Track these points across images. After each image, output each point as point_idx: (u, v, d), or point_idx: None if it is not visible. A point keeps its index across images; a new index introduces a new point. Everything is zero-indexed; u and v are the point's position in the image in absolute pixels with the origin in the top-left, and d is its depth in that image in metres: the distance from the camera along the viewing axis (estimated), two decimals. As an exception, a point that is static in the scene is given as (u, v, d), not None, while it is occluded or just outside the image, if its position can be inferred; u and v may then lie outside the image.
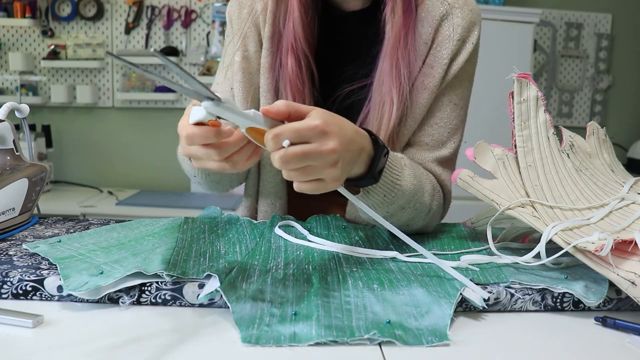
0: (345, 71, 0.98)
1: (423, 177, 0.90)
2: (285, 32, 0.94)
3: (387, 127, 0.91)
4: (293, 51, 0.93)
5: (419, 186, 0.86)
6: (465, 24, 0.94)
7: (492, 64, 2.03)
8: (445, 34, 0.93)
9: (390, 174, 0.80)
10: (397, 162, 0.82)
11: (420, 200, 0.87)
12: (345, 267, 0.75)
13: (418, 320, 0.61)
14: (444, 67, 0.93)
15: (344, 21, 0.98)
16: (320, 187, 0.66)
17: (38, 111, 3.07)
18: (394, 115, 0.91)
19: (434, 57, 0.94)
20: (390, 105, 0.91)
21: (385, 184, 0.79)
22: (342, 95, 0.97)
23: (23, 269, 0.69)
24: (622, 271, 0.66)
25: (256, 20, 0.98)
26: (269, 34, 0.96)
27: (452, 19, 0.94)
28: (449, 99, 0.96)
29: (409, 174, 0.84)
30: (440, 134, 0.96)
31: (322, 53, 0.97)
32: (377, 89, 0.93)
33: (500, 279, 0.71)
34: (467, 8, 0.95)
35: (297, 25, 0.92)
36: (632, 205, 0.80)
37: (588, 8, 3.21)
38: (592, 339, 0.62)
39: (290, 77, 0.93)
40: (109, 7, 3.03)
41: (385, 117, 0.91)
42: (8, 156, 0.92)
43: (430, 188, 0.91)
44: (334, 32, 0.98)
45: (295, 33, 0.93)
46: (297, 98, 0.93)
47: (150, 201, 2.74)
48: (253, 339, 0.57)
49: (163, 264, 0.69)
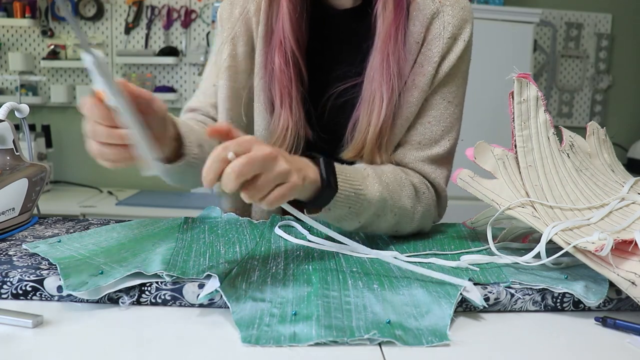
0: (337, 69, 0.98)
1: (397, 182, 0.88)
2: (274, 31, 0.95)
3: (377, 123, 0.91)
4: (281, 48, 0.93)
5: (391, 191, 0.86)
6: (456, 22, 0.93)
7: (492, 64, 2.03)
8: (435, 32, 0.93)
9: (350, 185, 0.79)
10: (356, 173, 0.82)
11: (397, 204, 0.86)
12: (345, 267, 0.75)
13: (418, 320, 0.61)
14: (435, 66, 0.93)
15: (335, 19, 0.98)
16: (283, 192, 0.67)
17: (38, 111, 3.07)
18: (384, 110, 0.90)
19: (424, 55, 0.93)
20: (380, 101, 0.91)
21: (346, 196, 0.79)
22: (335, 94, 0.97)
23: (23, 269, 0.69)
24: (622, 271, 0.66)
25: (248, 21, 0.98)
26: (262, 34, 0.96)
27: (443, 17, 0.93)
28: (441, 97, 0.95)
29: (374, 181, 0.84)
30: (432, 132, 0.95)
31: (313, 52, 0.97)
32: (367, 84, 0.92)
33: (500, 279, 0.71)
34: (458, 6, 0.94)
35: (286, 22, 0.92)
36: (632, 205, 0.80)
37: (588, 8, 3.21)
38: (592, 339, 0.62)
39: (276, 75, 0.93)
40: (109, 7, 3.03)
41: (375, 112, 0.91)
42: (8, 156, 0.92)
43: (410, 191, 0.89)
44: (325, 30, 0.98)
45: (284, 30, 0.93)
46: (283, 95, 0.93)
47: (150, 201, 2.74)
48: (253, 339, 0.57)
49: (163, 264, 0.69)
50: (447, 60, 0.94)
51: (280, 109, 0.94)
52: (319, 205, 0.77)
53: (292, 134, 0.94)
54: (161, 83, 3.06)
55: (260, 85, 0.97)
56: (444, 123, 0.96)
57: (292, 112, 0.94)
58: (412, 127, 0.96)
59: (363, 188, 0.81)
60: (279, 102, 0.94)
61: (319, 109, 0.98)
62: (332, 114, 0.98)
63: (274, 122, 0.96)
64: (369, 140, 0.92)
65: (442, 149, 0.96)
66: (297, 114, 0.95)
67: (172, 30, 3.06)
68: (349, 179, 0.80)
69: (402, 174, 0.91)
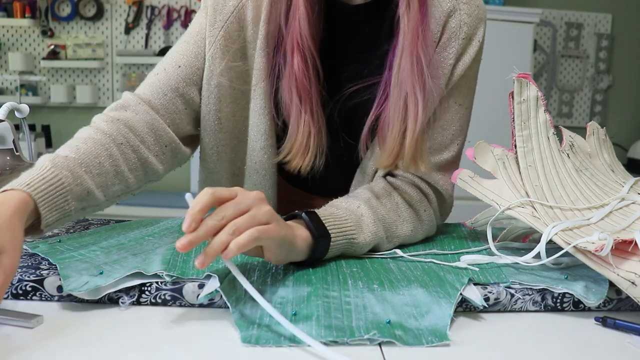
0: (349, 69, 0.93)
1: (394, 210, 0.86)
2: (289, 30, 0.87)
3: (414, 128, 0.84)
4: (299, 49, 0.85)
5: (387, 225, 0.84)
6: (471, 21, 0.90)
7: (492, 64, 2.03)
8: (451, 31, 0.89)
9: (343, 236, 0.77)
10: (349, 215, 0.80)
11: (394, 234, 0.85)
12: (345, 267, 0.75)
13: (418, 321, 0.61)
14: (450, 68, 0.90)
15: (348, 16, 0.92)
16: (261, 231, 0.64)
17: (38, 111, 3.07)
18: (421, 114, 0.84)
19: (439, 55, 0.89)
20: (415, 105, 0.84)
21: (339, 245, 0.77)
22: (345, 95, 0.92)
23: (23, 269, 0.69)
24: (622, 271, 0.66)
25: (241, 16, 0.90)
26: (264, 33, 0.89)
27: (459, 15, 0.89)
28: (453, 100, 0.92)
29: (368, 221, 0.81)
30: (443, 136, 0.92)
31: (324, 50, 0.90)
32: (395, 88, 0.85)
33: (500, 279, 0.71)
34: (474, 4, 0.91)
35: (303, 21, 0.85)
36: (632, 206, 0.80)
37: (588, 8, 3.22)
38: (592, 339, 0.62)
39: (297, 76, 0.86)
40: (109, 7, 3.03)
41: (411, 118, 0.85)
42: (8, 156, 0.92)
43: (408, 215, 0.87)
44: (338, 28, 0.92)
45: (302, 30, 0.85)
46: (303, 97, 0.87)
47: (150, 201, 2.74)
48: (253, 339, 0.57)
49: (163, 264, 0.69)
50: (462, 62, 0.90)
51: (300, 113, 0.87)
52: (315, 259, 0.75)
53: (315, 141, 0.88)
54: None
55: (261, 88, 0.91)
56: (454, 127, 0.92)
57: (314, 116, 0.87)
58: None
59: (357, 235, 0.79)
60: (298, 105, 0.87)
61: (328, 112, 0.93)
62: (344, 117, 0.93)
63: (292, 129, 0.88)
64: (408, 147, 0.85)
65: (451, 154, 0.93)
66: (319, 118, 0.88)
67: (172, 30, 3.06)
68: (340, 227, 0.77)
69: (399, 199, 0.88)
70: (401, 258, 0.80)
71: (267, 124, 0.92)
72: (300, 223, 0.75)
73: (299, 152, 0.88)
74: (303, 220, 0.75)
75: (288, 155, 0.88)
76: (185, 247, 0.59)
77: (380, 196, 0.87)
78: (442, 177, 0.92)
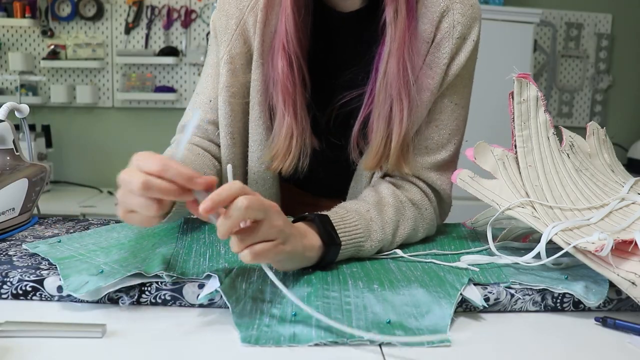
0: (342, 76, 0.93)
1: (399, 210, 0.86)
2: (277, 34, 0.89)
3: (400, 131, 0.86)
4: (284, 51, 0.87)
5: (394, 226, 0.84)
6: (465, 21, 0.89)
7: (492, 64, 2.03)
8: (445, 31, 0.89)
9: (353, 242, 0.78)
10: (360, 220, 0.80)
11: (398, 234, 0.85)
12: (345, 268, 0.75)
13: (418, 320, 0.61)
14: (444, 68, 0.89)
15: (339, 23, 0.93)
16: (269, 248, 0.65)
17: (38, 111, 3.07)
18: (406, 116, 0.86)
19: (433, 56, 0.89)
20: (400, 107, 0.86)
21: (348, 253, 0.78)
22: (341, 100, 0.92)
23: (23, 269, 0.69)
24: (622, 271, 0.66)
25: (245, 32, 0.91)
26: (259, 44, 0.91)
27: (453, 15, 0.89)
28: (449, 99, 0.92)
29: (376, 226, 0.82)
30: (440, 136, 0.92)
31: (316, 58, 0.92)
32: (381, 91, 0.87)
33: (500, 279, 0.71)
34: (468, 3, 0.90)
35: (290, 24, 0.86)
36: (632, 206, 0.80)
37: (588, 8, 3.21)
38: (592, 339, 0.62)
39: (280, 79, 0.87)
40: (109, 7, 3.03)
41: (396, 120, 0.86)
42: (8, 156, 0.92)
43: (411, 213, 0.88)
44: (329, 35, 0.94)
45: (287, 33, 0.87)
46: (287, 101, 0.87)
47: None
48: (253, 340, 0.57)
49: (163, 264, 0.69)
50: (456, 62, 0.90)
51: (283, 116, 0.88)
52: (326, 264, 0.76)
53: (297, 143, 0.89)
54: (161, 83, 3.06)
55: (257, 96, 0.92)
56: (450, 126, 0.92)
57: (298, 119, 0.88)
58: (419, 131, 0.91)
59: (365, 242, 0.79)
60: (282, 108, 0.88)
61: (325, 117, 0.94)
62: (339, 122, 0.94)
63: (275, 131, 0.90)
64: (394, 150, 0.87)
65: (447, 154, 0.93)
66: (303, 121, 0.89)
67: (172, 30, 3.05)
68: (351, 233, 0.78)
69: (403, 197, 0.89)
70: (401, 258, 0.81)
71: (262, 135, 0.93)
72: (311, 226, 0.75)
73: (280, 154, 0.89)
74: (314, 225, 0.76)
75: (272, 157, 0.90)
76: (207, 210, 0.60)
77: (386, 196, 0.87)
78: (439, 176, 0.93)
